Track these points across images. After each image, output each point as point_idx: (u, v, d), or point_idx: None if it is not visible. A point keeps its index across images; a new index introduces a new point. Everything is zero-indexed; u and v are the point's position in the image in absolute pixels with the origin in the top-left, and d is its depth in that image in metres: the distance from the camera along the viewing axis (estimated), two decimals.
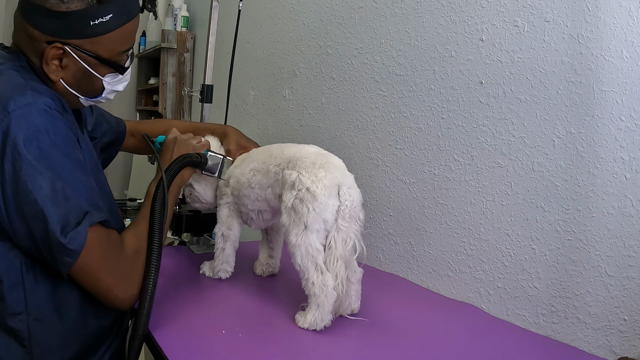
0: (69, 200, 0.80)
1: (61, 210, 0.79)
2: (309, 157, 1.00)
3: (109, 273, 0.85)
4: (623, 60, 0.94)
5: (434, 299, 1.23)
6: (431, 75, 1.30)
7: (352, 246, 0.95)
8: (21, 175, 0.77)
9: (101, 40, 0.89)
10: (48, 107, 0.81)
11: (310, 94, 1.74)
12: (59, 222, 0.78)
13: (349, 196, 0.95)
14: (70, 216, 0.79)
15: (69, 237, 0.79)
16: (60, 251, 0.79)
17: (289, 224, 0.96)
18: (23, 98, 0.79)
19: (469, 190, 1.21)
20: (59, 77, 0.91)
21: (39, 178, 0.78)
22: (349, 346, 0.93)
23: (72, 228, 0.79)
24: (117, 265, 0.86)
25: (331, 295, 0.93)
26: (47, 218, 0.78)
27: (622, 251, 0.95)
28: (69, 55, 0.89)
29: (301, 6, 1.79)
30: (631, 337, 0.93)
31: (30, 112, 0.79)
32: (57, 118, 0.82)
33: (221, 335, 0.92)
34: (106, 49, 0.91)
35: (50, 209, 0.78)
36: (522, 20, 1.10)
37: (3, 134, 0.77)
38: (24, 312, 0.84)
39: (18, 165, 0.77)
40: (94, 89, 0.96)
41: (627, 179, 0.94)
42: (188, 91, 2.32)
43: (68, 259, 0.80)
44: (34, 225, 0.79)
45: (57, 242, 0.78)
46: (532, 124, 1.08)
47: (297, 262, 0.95)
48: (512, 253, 1.12)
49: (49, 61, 0.88)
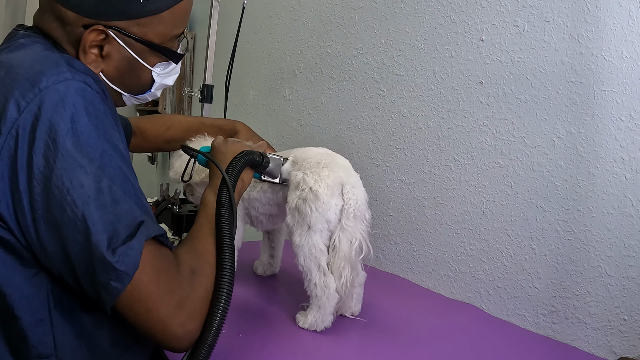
0: (118, 205, 0.60)
1: (108, 217, 0.59)
2: (314, 158, 0.99)
3: (164, 303, 0.62)
4: (623, 60, 0.94)
5: (434, 299, 1.23)
6: (431, 75, 1.30)
7: (358, 246, 0.94)
8: (56, 170, 0.58)
9: (151, 21, 0.73)
10: (89, 87, 0.64)
11: (310, 94, 1.74)
12: (105, 231, 0.58)
13: (353, 195, 0.95)
14: (119, 225, 0.60)
15: (119, 254, 0.58)
16: (106, 273, 0.58)
17: (293, 224, 0.96)
18: (58, 72, 0.62)
19: (469, 190, 1.21)
20: (99, 69, 0.74)
21: (80, 173, 0.59)
22: (349, 346, 0.93)
23: (123, 242, 0.59)
24: (173, 292, 0.64)
25: (333, 297, 0.93)
26: (89, 226, 0.58)
27: (622, 251, 0.95)
28: (112, 41, 0.72)
29: (301, 6, 1.79)
30: (631, 337, 0.93)
31: (68, 90, 0.61)
32: (100, 100, 0.65)
33: (221, 335, 0.91)
34: (157, 33, 0.74)
35: (95, 213, 0.59)
36: (522, 20, 1.10)
37: (34, 116, 0.59)
38: (53, 355, 0.65)
39: (52, 157, 0.59)
40: (141, 83, 0.80)
41: (627, 179, 0.94)
42: (188, 91, 2.33)
43: (116, 285, 0.59)
44: (70, 236, 0.59)
45: (102, 260, 0.58)
46: (532, 124, 1.08)
47: (300, 262, 0.94)
48: (512, 253, 1.12)
49: (88, 49, 0.71)
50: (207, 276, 0.69)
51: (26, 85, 0.60)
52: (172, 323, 0.63)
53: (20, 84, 0.61)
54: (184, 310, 0.64)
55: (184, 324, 0.64)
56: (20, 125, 0.59)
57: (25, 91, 0.60)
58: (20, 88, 0.60)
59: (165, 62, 0.79)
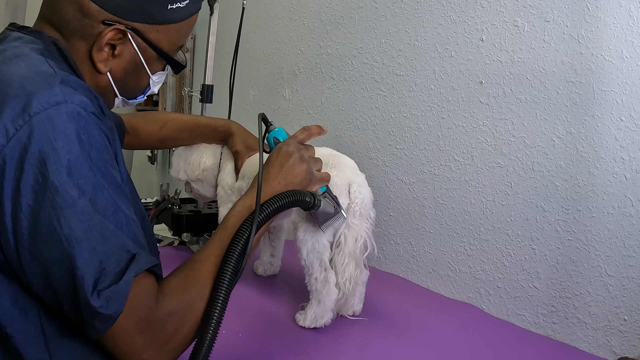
0: (108, 241, 0.59)
1: (96, 257, 0.57)
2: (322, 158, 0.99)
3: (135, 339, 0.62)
4: (623, 60, 0.94)
5: (434, 299, 1.23)
6: (431, 75, 1.30)
7: (363, 244, 0.96)
8: (44, 207, 0.56)
9: (168, 29, 0.73)
10: (83, 109, 0.60)
11: (310, 94, 1.74)
12: (91, 273, 0.57)
13: (359, 194, 0.97)
14: (108, 263, 0.58)
15: (104, 298, 0.57)
16: (90, 314, 0.57)
17: (298, 220, 0.97)
18: (50, 94, 0.59)
19: (469, 190, 1.21)
20: (108, 68, 0.72)
21: (69, 212, 0.57)
22: (349, 346, 0.93)
23: (111, 283, 0.58)
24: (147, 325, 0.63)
25: (332, 292, 0.94)
26: (75, 267, 0.56)
27: (622, 251, 0.95)
28: (127, 42, 0.71)
29: (301, 6, 1.79)
30: (631, 337, 0.93)
31: (59, 116, 0.58)
32: (94, 125, 0.62)
33: (221, 335, 0.91)
34: (169, 41, 0.75)
35: (82, 254, 0.57)
36: (522, 20, 1.10)
37: (23, 146, 0.56)
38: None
39: (41, 192, 0.56)
40: (138, 88, 0.80)
41: (627, 179, 0.94)
42: (188, 91, 2.33)
43: (99, 325, 0.58)
44: (56, 273, 0.57)
45: (87, 304, 0.56)
46: (532, 124, 1.08)
47: (303, 257, 0.96)
48: (512, 253, 1.12)
49: (103, 46, 0.70)
50: (187, 321, 0.67)
51: (16, 108, 0.57)
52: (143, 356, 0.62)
53: (10, 106, 0.58)
54: (155, 347, 0.63)
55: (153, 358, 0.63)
56: (7, 154, 0.56)
57: (15, 116, 0.57)
58: (9, 112, 0.57)
59: (162, 71, 0.80)
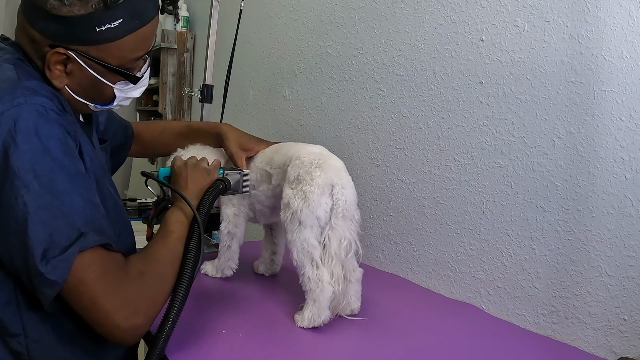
0: (58, 219, 0.69)
1: (46, 230, 0.68)
2: (308, 157, 1.02)
3: (108, 298, 0.71)
4: (623, 60, 0.94)
5: (434, 299, 1.23)
6: (431, 75, 1.30)
7: (347, 245, 0.97)
8: (5, 187, 0.68)
9: (109, 47, 0.80)
10: (42, 107, 0.72)
11: (310, 94, 1.74)
12: (41, 244, 0.67)
13: (342, 195, 0.98)
14: (57, 237, 0.68)
15: (51, 265, 0.67)
16: (39, 281, 0.68)
17: (284, 220, 0.99)
18: (13, 97, 0.70)
19: (469, 190, 1.21)
20: (63, 84, 0.82)
21: (24, 192, 0.68)
22: (349, 346, 0.93)
23: (58, 253, 0.68)
24: (118, 289, 0.73)
25: (326, 289, 0.94)
26: (28, 239, 0.67)
27: (622, 251, 0.95)
28: (73, 61, 0.80)
29: (301, 6, 1.79)
30: (631, 337, 0.93)
31: (20, 114, 0.70)
32: (53, 120, 0.73)
33: (221, 335, 0.92)
34: (115, 56, 0.81)
35: (33, 228, 0.67)
36: (522, 20, 1.10)
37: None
38: (22, 334, 0.75)
39: (2, 175, 0.68)
40: (105, 97, 0.87)
41: (627, 179, 0.94)
42: (188, 91, 2.33)
43: (47, 291, 0.68)
44: (15, 246, 0.69)
45: (36, 270, 0.67)
46: (532, 124, 1.08)
47: (294, 257, 0.97)
48: (512, 253, 1.12)
49: (52, 67, 0.80)
50: (155, 278, 0.79)
51: None
52: (117, 316, 0.71)
53: None
54: (128, 306, 0.73)
55: (128, 318, 0.72)
56: None
57: None
58: None
59: (123, 80, 0.86)
